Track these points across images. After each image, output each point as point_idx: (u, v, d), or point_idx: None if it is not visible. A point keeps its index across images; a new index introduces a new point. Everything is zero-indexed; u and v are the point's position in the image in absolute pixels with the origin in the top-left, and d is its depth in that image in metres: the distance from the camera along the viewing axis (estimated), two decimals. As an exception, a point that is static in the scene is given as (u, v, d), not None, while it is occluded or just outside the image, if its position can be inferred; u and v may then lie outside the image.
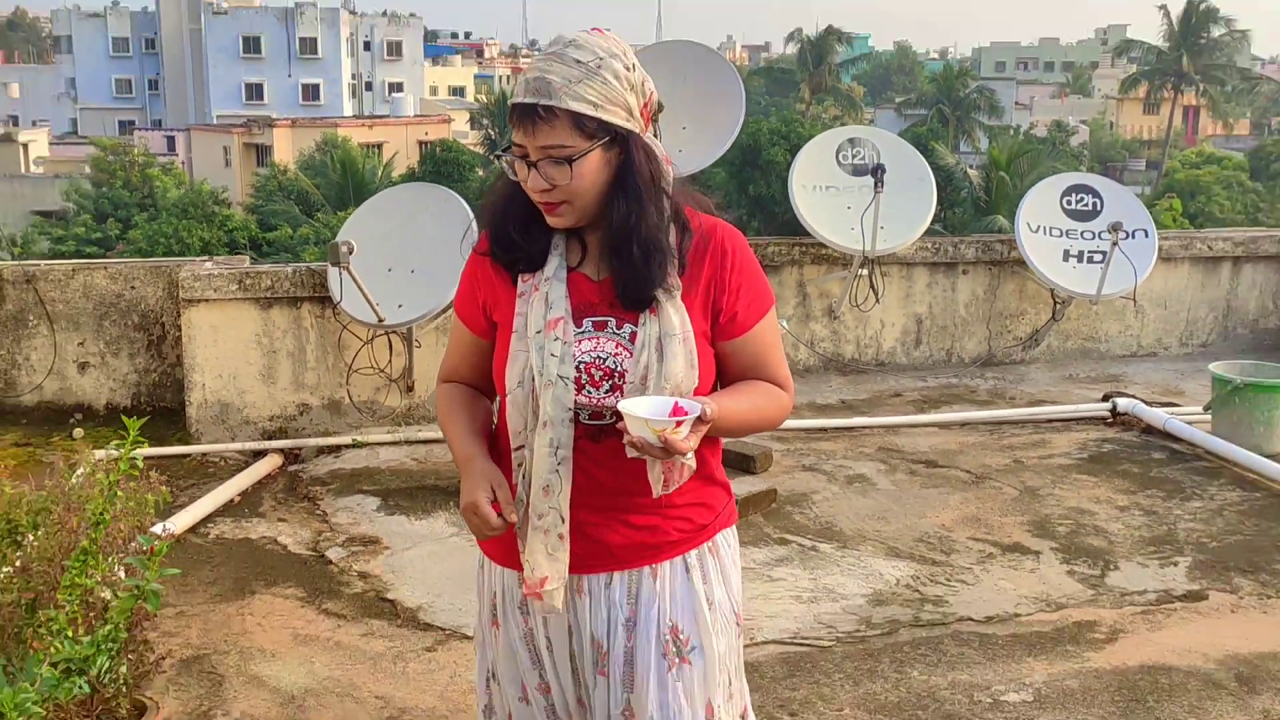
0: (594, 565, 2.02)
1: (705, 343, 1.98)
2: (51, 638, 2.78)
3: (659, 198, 1.94)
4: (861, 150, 6.74)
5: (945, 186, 37.16)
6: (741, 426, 2.02)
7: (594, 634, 2.04)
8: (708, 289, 1.98)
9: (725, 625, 2.06)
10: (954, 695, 3.54)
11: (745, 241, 2.05)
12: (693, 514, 2.04)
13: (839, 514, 4.97)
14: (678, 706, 1.99)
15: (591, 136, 1.87)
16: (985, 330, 7.12)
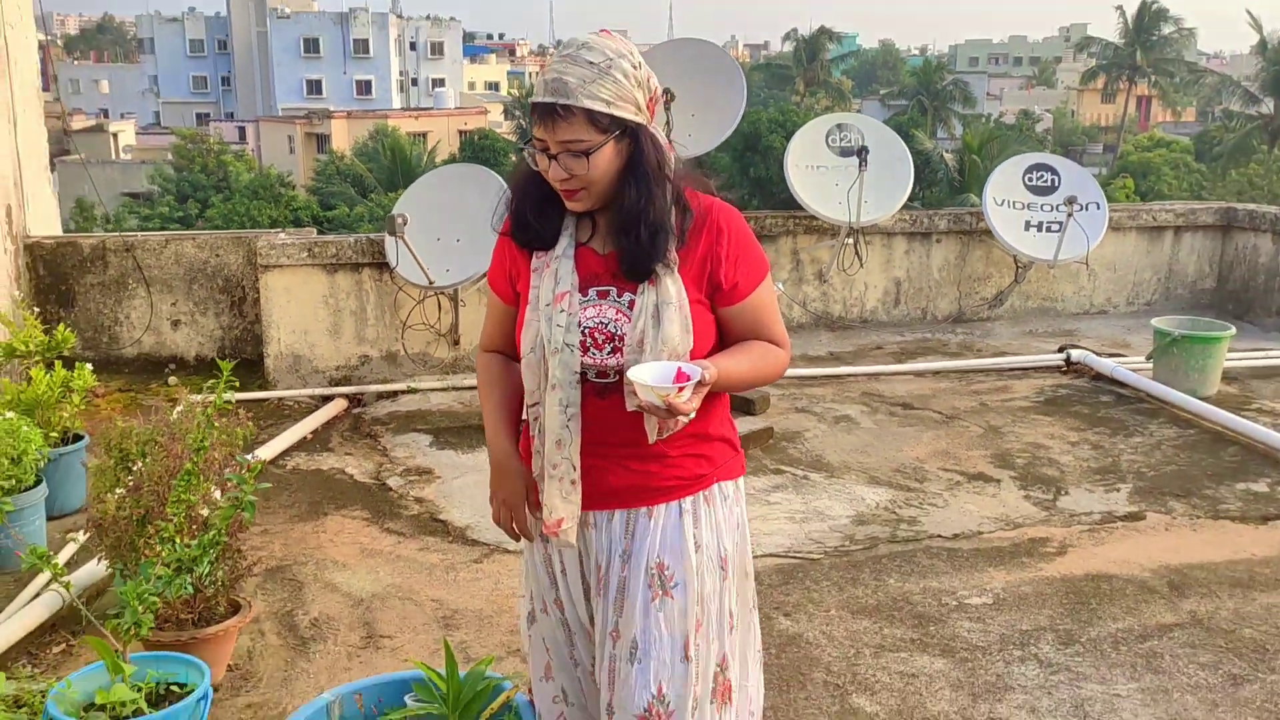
0: (600, 503, 2.02)
1: (702, 309, 1.96)
2: (161, 545, 2.90)
3: (664, 182, 1.92)
4: (849, 134, 6.75)
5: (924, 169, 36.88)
6: (741, 384, 1.99)
7: (597, 560, 2.04)
8: (704, 262, 1.96)
9: (710, 568, 2.02)
10: (925, 599, 3.63)
11: (741, 218, 2.02)
12: (689, 465, 2.01)
13: (827, 448, 5.06)
14: (657, 633, 1.97)
15: (605, 130, 1.85)
16: (956, 292, 7.16)
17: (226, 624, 3.01)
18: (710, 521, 2.03)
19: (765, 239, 6.69)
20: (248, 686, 3.11)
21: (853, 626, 3.45)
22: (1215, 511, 4.33)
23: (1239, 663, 3.23)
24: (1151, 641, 3.35)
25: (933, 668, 3.21)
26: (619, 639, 2.00)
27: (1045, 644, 3.34)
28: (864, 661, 3.24)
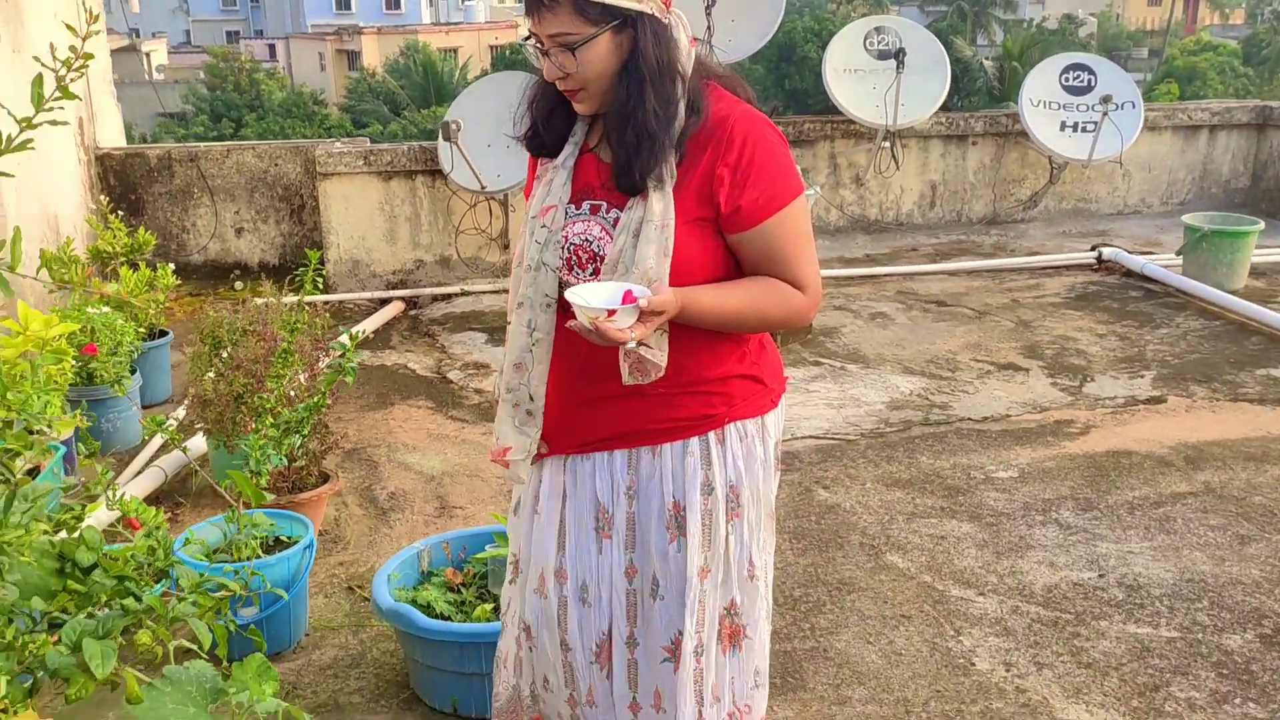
0: (596, 445, 1.86)
1: (701, 231, 1.74)
2: (256, 419, 3.23)
3: (664, 83, 1.70)
4: (886, 37, 6.85)
5: (963, 77, 36.28)
6: (725, 322, 1.77)
7: (599, 498, 1.88)
8: (705, 178, 1.73)
9: (722, 510, 1.86)
10: (954, 473, 3.91)
11: (765, 132, 1.75)
12: (694, 404, 1.83)
13: (863, 342, 5.31)
14: (677, 570, 1.84)
15: (596, 22, 1.66)
16: (991, 194, 7.30)
17: (319, 490, 3.35)
18: (723, 460, 1.85)
19: (803, 143, 6.86)
20: (338, 548, 3.45)
21: (886, 497, 3.74)
22: (1235, 395, 4.55)
23: (1247, 525, 3.49)
24: (1165, 508, 3.61)
25: (960, 530, 3.49)
26: (636, 574, 1.88)
27: (1065, 510, 3.61)
28: (897, 526, 3.53)
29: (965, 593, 3.14)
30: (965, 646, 2.88)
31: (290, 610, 2.83)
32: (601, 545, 1.88)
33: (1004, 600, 3.09)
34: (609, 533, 1.87)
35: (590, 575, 1.89)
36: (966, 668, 2.79)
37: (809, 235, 1.82)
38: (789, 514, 3.61)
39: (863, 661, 2.82)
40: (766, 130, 1.75)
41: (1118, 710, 2.61)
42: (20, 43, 4.92)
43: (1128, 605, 3.05)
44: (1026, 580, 3.20)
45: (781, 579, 3.21)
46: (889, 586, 3.17)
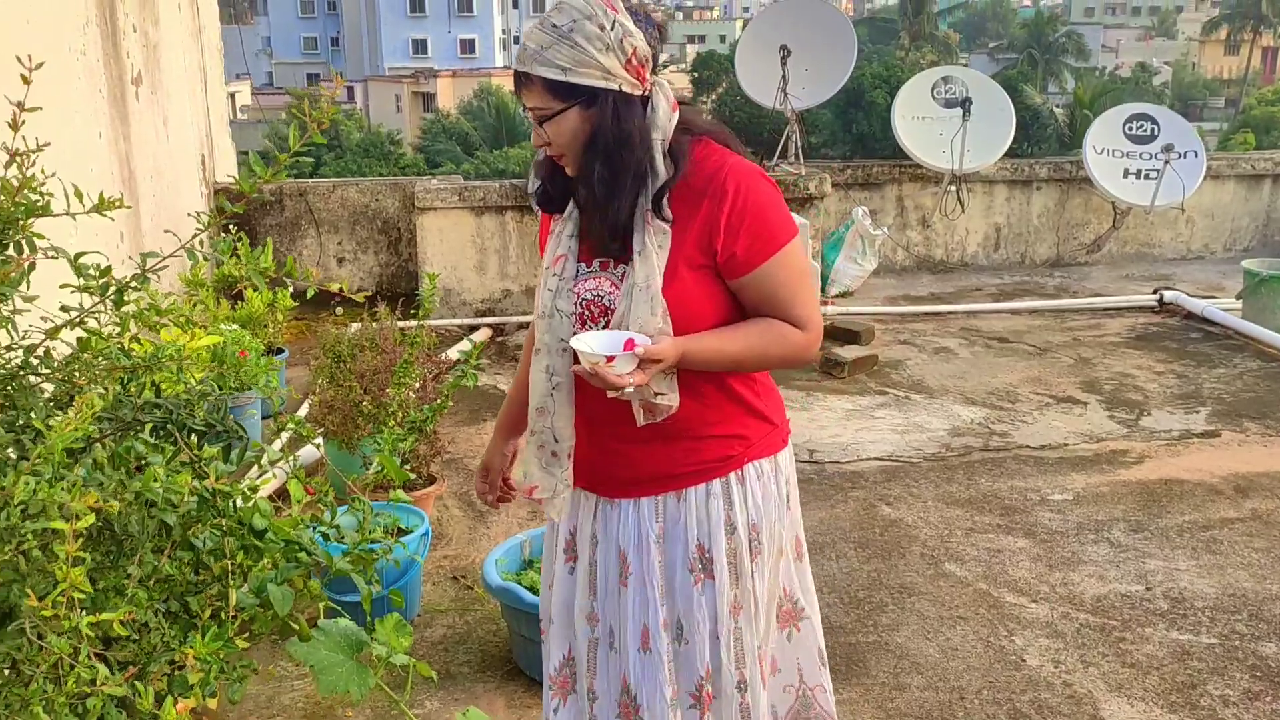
0: (622, 491, 1.94)
1: (708, 277, 1.82)
2: (376, 424, 3.62)
3: (619, 153, 1.76)
4: (953, 87, 7.17)
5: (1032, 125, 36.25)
6: (723, 363, 1.85)
7: (620, 547, 1.94)
8: (703, 229, 1.80)
9: (745, 550, 1.92)
10: (1011, 494, 4.17)
11: (756, 181, 1.82)
12: (714, 447, 1.90)
13: (927, 374, 5.59)
14: (700, 617, 1.90)
15: (565, 99, 1.74)
16: (1055, 237, 7.54)
17: (429, 490, 3.73)
18: (744, 500, 1.92)
19: (871, 186, 7.18)
20: (442, 543, 3.82)
21: (946, 514, 4.01)
22: (1287, 431, 4.75)
23: (1291, 548, 3.71)
24: (1213, 531, 3.84)
25: (1015, 545, 3.75)
26: (676, 628, 1.93)
27: (1117, 531, 3.85)
28: (955, 539, 3.81)
29: (1019, 599, 3.40)
30: (1017, 645, 3.14)
31: (409, 590, 3.19)
32: (622, 593, 1.95)
33: (1055, 607, 3.35)
34: (627, 580, 1.94)
35: (616, 622, 1.96)
36: (1018, 663, 3.05)
37: (805, 274, 1.88)
38: (854, 526, 3.90)
39: (921, 655, 3.10)
40: (758, 180, 1.82)
41: (1157, 704, 2.86)
42: (157, 83, 5.45)
43: (1171, 615, 3.29)
44: (1077, 590, 3.45)
45: (846, 582, 3.50)
46: (947, 591, 3.45)
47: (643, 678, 1.94)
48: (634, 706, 1.95)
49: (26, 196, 1.50)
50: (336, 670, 2.42)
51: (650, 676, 1.93)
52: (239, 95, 49.17)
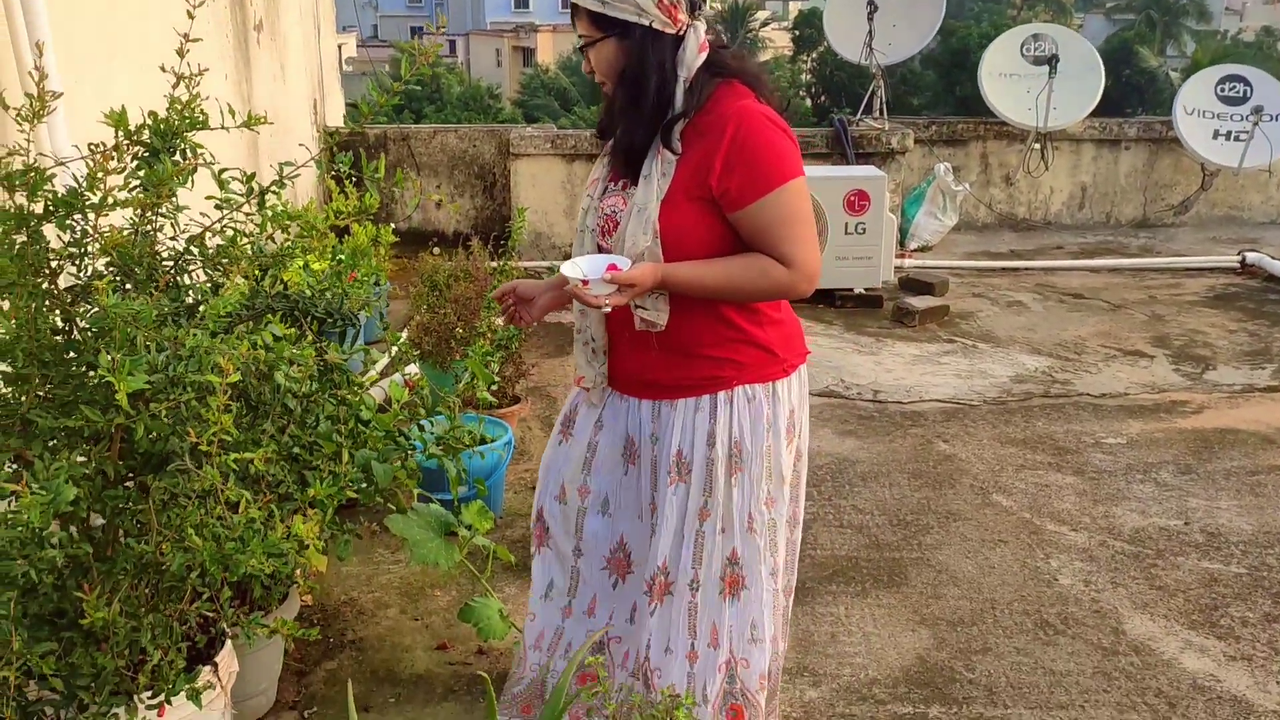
0: (633, 390, 2.16)
1: (700, 208, 1.96)
2: (466, 346, 3.97)
3: (638, 85, 1.95)
4: (1043, 44, 7.22)
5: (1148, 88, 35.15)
6: (702, 290, 1.99)
7: (628, 431, 2.18)
8: (699, 164, 1.95)
9: (723, 463, 2.08)
10: (1066, 437, 4.36)
11: (759, 124, 1.95)
12: (706, 367, 2.07)
13: (997, 326, 5.75)
14: (669, 513, 2.09)
15: (604, 28, 1.95)
16: (1142, 198, 7.56)
17: (513, 408, 4.08)
18: (729, 420, 2.07)
19: (956, 143, 7.29)
20: (523, 459, 4.17)
21: (1000, 452, 4.22)
22: (1353, 389, 4.82)
23: (1335, 495, 3.84)
24: (1260, 476, 3.98)
25: (1063, 481, 3.96)
26: (655, 511, 2.16)
27: (1165, 472, 4.02)
28: (1006, 474, 4.02)
29: (1059, 528, 3.62)
30: (1052, 567, 3.37)
31: (492, 490, 3.55)
32: (627, 469, 2.18)
33: (1093, 536, 3.56)
34: (635, 461, 2.17)
35: (614, 491, 2.20)
36: (1050, 582, 3.28)
37: (801, 217, 1.98)
38: (909, 458, 4.14)
39: (959, 570, 3.35)
40: (761, 123, 1.94)
41: (1178, 621, 3.07)
42: (275, 30, 5.87)
43: (1205, 547, 3.48)
44: (1117, 523, 3.65)
45: (896, 507, 3.76)
46: (991, 519, 3.68)
47: (636, 541, 2.20)
48: (627, 561, 2.21)
49: (191, 112, 1.85)
50: (428, 545, 2.79)
51: (644, 541, 2.19)
52: (345, 47, 50.32)
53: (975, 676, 2.80)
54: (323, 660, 2.86)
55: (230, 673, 2.12)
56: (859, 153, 6.71)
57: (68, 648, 1.81)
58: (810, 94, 36.71)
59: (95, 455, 1.86)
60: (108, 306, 1.56)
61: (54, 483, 1.66)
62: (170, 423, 1.81)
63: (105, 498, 1.86)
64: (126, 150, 1.82)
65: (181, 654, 1.88)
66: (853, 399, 4.78)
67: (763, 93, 2.01)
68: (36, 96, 1.67)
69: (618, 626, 2.25)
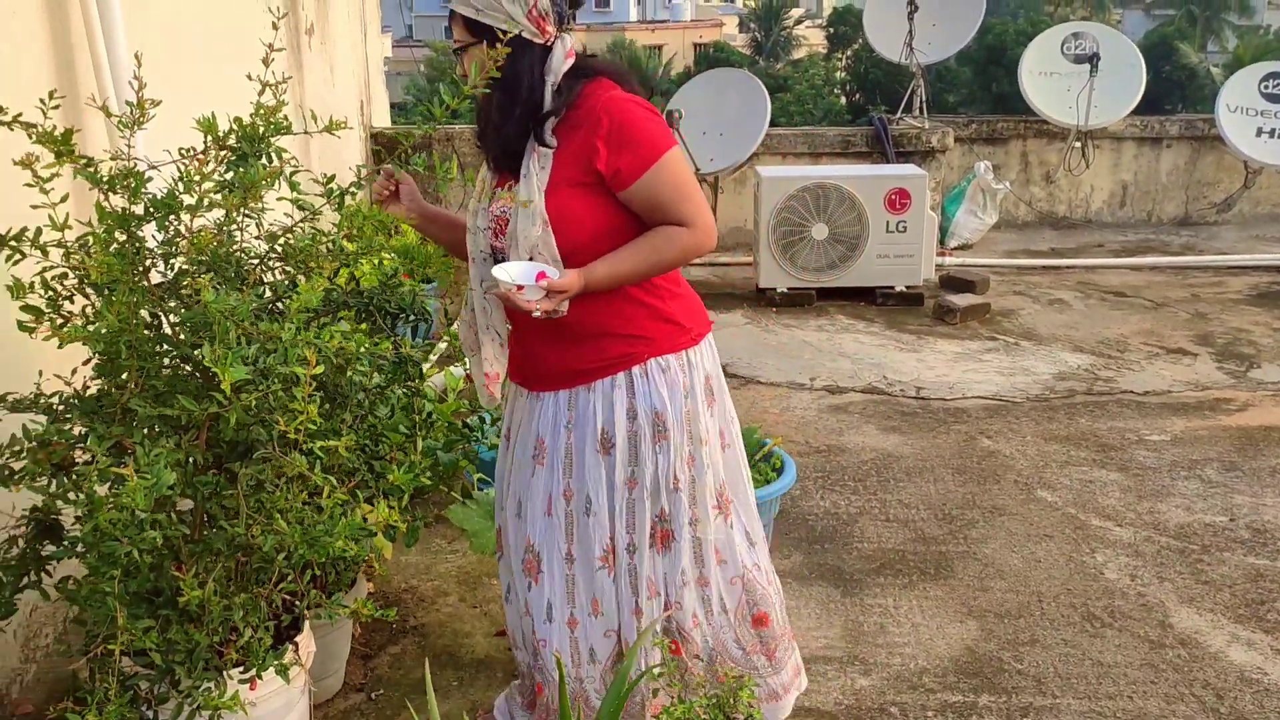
0: (544, 385, 2.23)
1: (585, 192, 2.07)
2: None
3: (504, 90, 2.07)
4: (1083, 42, 7.22)
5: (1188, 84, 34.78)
6: (625, 279, 2.12)
7: (539, 433, 2.24)
8: (580, 151, 2.06)
9: (645, 434, 2.18)
10: (1109, 434, 4.39)
11: (627, 105, 2.09)
12: (618, 345, 2.17)
13: (1038, 323, 5.78)
14: (602, 489, 2.19)
15: (477, 34, 2.07)
16: (1183, 195, 7.54)
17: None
18: (646, 391, 2.18)
19: (996, 141, 7.31)
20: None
21: (1043, 448, 4.26)
22: (1400, 387, 4.81)
23: (1382, 492, 3.85)
24: (1306, 473, 4.00)
25: (1107, 478, 3.99)
26: (573, 497, 2.22)
27: (1210, 469, 4.05)
28: (1050, 471, 4.06)
29: (1104, 524, 3.65)
30: (1098, 561, 3.41)
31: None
32: (535, 470, 2.24)
33: (1138, 531, 3.60)
34: (542, 460, 2.23)
35: (523, 492, 2.27)
36: (1097, 575, 3.33)
37: (687, 179, 2.13)
38: (953, 454, 4.19)
39: (1006, 564, 3.40)
40: (629, 105, 2.09)
41: (1224, 615, 3.10)
42: (326, 34, 5.99)
43: (1251, 543, 3.51)
44: (1162, 519, 3.68)
45: (941, 501, 3.82)
46: (1036, 514, 3.73)
47: (544, 538, 2.25)
48: (536, 561, 2.27)
49: (275, 118, 1.95)
50: (486, 534, 2.88)
51: (550, 537, 2.24)
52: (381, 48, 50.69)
53: (1024, 667, 2.86)
54: (387, 645, 2.96)
55: (309, 653, 2.22)
56: (899, 151, 6.75)
57: (163, 625, 1.91)
58: (845, 91, 36.61)
59: (185, 443, 1.96)
60: (208, 302, 1.65)
61: (154, 468, 1.76)
62: (259, 412, 1.91)
63: (195, 483, 1.96)
64: (216, 155, 1.92)
65: (269, 632, 1.98)
66: (896, 395, 4.83)
67: (628, 86, 2.14)
68: (136, 104, 1.77)
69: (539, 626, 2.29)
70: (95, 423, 1.80)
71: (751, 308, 6.08)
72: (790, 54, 44.69)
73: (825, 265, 5.98)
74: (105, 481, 1.79)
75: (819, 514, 3.75)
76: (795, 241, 5.93)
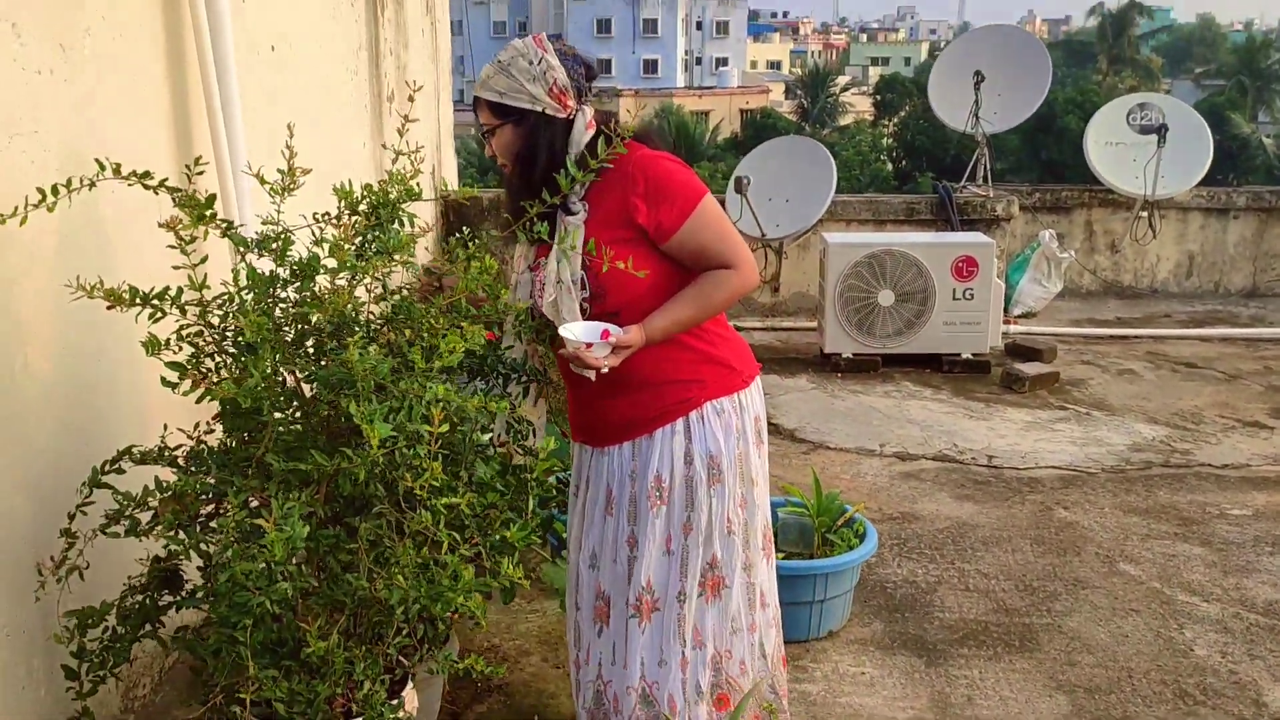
0: (612, 438, 2.31)
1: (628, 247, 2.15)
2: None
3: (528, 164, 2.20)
4: (1150, 113, 7.25)
5: (1240, 154, 34.65)
6: (681, 327, 2.20)
7: (608, 484, 2.32)
8: (620, 209, 2.16)
9: (701, 478, 2.25)
10: (1190, 507, 4.35)
11: (658, 160, 2.20)
12: (675, 391, 2.24)
13: (1109, 394, 5.75)
14: (651, 534, 2.25)
15: (502, 117, 2.20)
16: (1251, 267, 7.51)
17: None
18: (702, 435, 2.25)
19: (1060, 210, 7.34)
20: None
21: (1123, 521, 4.23)
22: None
23: None
24: (1396, 552, 3.94)
25: (1191, 552, 3.95)
26: (634, 544, 2.29)
27: (1295, 545, 4.00)
28: (1131, 543, 4.03)
29: (1191, 599, 3.61)
30: (1187, 637, 3.37)
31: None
32: (606, 520, 2.32)
33: (1226, 608, 3.55)
34: (612, 510, 2.31)
35: (598, 544, 2.34)
36: (1186, 652, 3.29)
37: (724, 223, 2.24)
38: (1030, 525, 4.17)
39: (1092, 638, 3.37)
40: (659, 160, 2.21)
41: (1322, 696, 3.06)
42: (404, 100, 6.18)
43: (1345, 622, 3.45)
44: (1250, 595, 3.64)
45: (1021, 572, 3.80)
46: (1120, 587, 3.69)
47: (612, 586, 2.33)
48: (606, 607, 2.34)
49: (407, 185, 2.04)
50: (577, 594, 2.91)
51: (618, 584, 2.32)
52: (432, 111, 51.85)
53: (1118, 743, 2.83)
54: (472, 704, 2.98)
55: (413, 708, 2.26)
56: (963, 219, 6.79)
57: (285, 675, 1.96)
58: (891, 158, 36.85)
59: (308, 497, 2.03)
60: (352, 361, 1.73)
61: (290, 520, 1.83)
62: (386, 468, 1.97)
63: (319, 536, 2.02)
64: (349, 220, 2.01)
65: (384, 685, 2.02)
66: (967, 464, 4.82)
67: (651, 143, 2.26)
68: (288, 171, 1.87)
69: (605, 670, 2.36)
70: (234, 475, 1.87)
71: (817, 373, 6.11)
72: (836, 120, 45.14)
73: (891, 331, 6.01)
74: (241, 533, 1.85)
75: (897, 582, 3.74)
76: (861, 307, 5.97)
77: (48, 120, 2.28)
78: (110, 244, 2.51)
